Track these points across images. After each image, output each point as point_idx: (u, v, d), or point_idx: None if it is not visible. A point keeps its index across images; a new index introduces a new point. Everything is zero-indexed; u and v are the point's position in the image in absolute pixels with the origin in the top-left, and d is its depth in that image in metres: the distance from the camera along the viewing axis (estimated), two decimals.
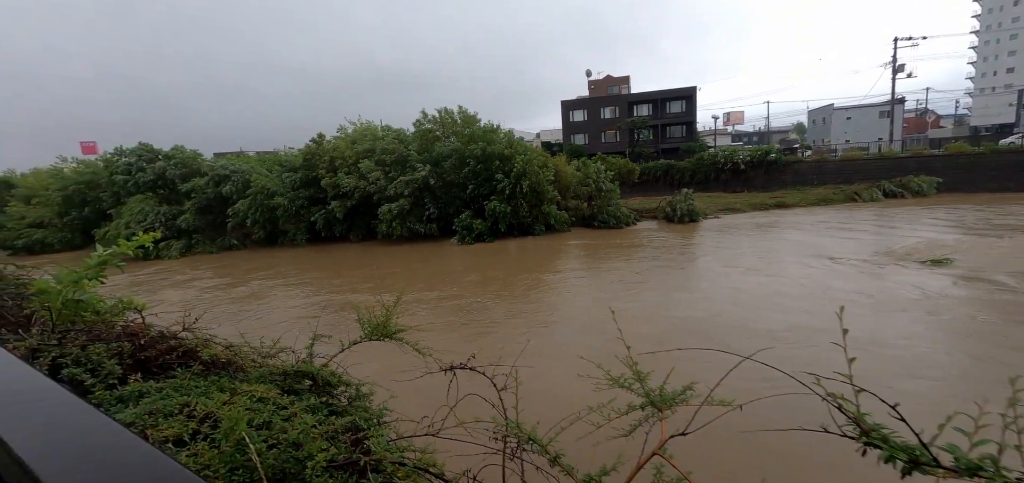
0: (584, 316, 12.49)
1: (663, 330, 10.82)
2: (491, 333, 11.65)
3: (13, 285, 4.83)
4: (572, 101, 67.60)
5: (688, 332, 10.72)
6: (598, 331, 10.63)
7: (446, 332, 11.71)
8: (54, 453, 0.64)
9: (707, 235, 25.01)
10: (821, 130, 70.75)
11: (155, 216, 30.51)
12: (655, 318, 11.93)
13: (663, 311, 12.56)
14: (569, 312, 13.20)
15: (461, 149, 29.31)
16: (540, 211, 28.46)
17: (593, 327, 11.19)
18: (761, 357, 1.85)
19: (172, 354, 2.34)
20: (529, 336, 10.80)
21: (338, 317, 13.30)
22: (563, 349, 9.86)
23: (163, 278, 23.31)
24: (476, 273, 19.50)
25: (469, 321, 12.73)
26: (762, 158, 41.11)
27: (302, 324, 12.70)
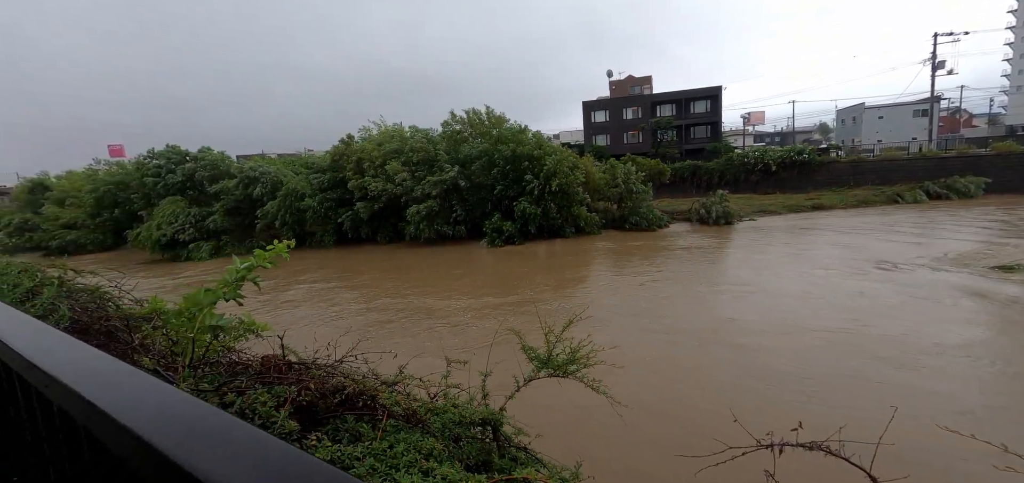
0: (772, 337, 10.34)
1: (818, 346, 9.66)
2: (655, 357, 9.76)
3: (96, 297, 4.48)
4: (594, 102, 66.86)
5: (847, 350, 9.46)
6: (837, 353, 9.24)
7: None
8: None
9: (751, 238, 24.06)
10: (851, 130, 68.53)
11: (185, 218, 30.72)
12: (795, 330, 10.70)
13: (800, 322, 11.22)
14: (710, 325, 11.46)
15: (490, 150, 28.90)
16: (569, 213, 27.88)
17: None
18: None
19: (336, 397, 1.88)
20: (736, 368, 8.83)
21: (414, 324, 12.82)
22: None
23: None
24: (536, 275, 19.08)
25: (601, 337, 11.24)
26: (795, 158, 39.88)
27: (384, 332, 12.21)
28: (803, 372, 8.36)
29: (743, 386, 7.96)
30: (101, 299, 4.46)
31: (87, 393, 0.82)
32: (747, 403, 7.26)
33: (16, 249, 38.68)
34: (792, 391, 7.76)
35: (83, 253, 36.52)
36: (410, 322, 13.31)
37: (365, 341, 9.50)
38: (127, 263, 30.08)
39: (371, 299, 16.65)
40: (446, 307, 14.62)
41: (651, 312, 12.96)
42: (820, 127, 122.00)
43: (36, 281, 4.25)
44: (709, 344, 10.11)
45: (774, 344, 9.81)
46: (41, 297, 4.05)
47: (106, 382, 0.88)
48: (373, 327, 12.92)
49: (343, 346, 3.05)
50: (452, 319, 13.24)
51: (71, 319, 3.07)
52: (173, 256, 29.92)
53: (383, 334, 12.22)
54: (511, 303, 14.60)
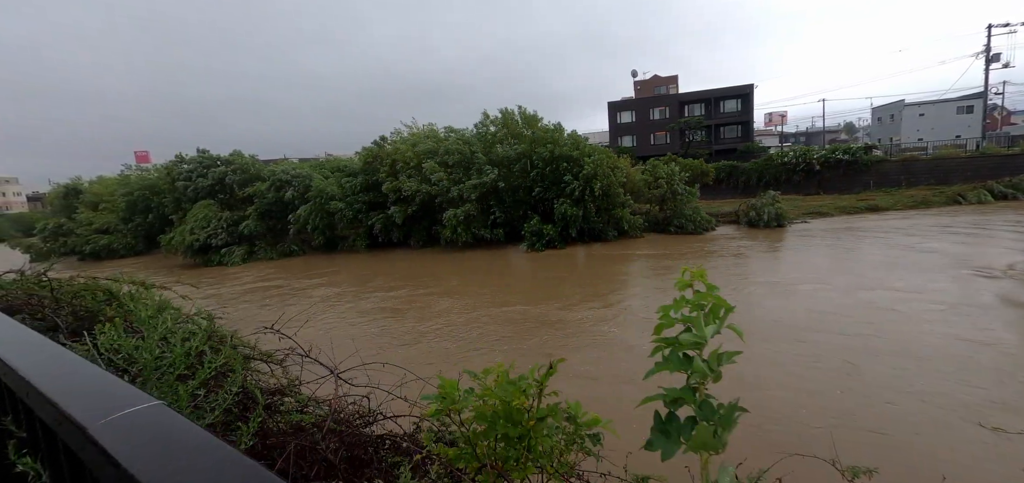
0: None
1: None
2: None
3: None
4: (619, 102, 65.61)
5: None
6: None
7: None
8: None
9: (813, 241, 22.46)
10: (888, 128, 65.75)
11: (218, 222, 30.34)
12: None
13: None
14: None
15: (527, 151, 27.89)
16: (611, 215, 26.68)
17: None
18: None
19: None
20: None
21: (519, 343, 11.42)
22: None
23: (261, 288, 21.40)
24: (594, 282, 17.85)
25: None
26: (840, 158, 37.99)
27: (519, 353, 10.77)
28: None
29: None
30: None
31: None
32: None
33: (51, 253, 38.97)
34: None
35: (115, 258, 36.59)
36: (551, 341, 11.55)
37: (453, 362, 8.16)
38: (161, 268, 29.81)
39: (471, 308, 15.04)
40: (572, 319, 13.31)
41: (772, 335, 10.73)
42: (845, 127, 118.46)
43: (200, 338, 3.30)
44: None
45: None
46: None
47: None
48: (501, 347, 11.29)
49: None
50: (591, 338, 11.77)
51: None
52: (205, 261, 29.54)
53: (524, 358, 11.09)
54: (613, 313, 13.36)
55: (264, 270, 26.47)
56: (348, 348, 9.95)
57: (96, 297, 3.76)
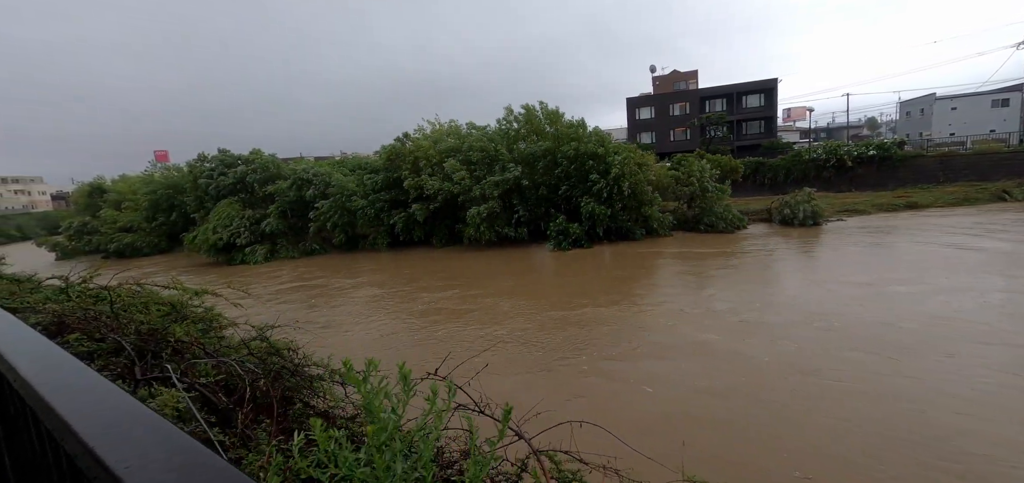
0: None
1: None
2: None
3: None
4: (638, 98, 64.55)
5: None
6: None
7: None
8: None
9: (863, 240, 21.40)
10: (917, 123, 63.64)
11: (240, 221, 30.27)
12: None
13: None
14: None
15: (552, 148, 27.27)
16: (639, 214, 25.95)
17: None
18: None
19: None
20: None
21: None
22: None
23: (301, 287, 20.64)
24: (633, 284, 17.13)
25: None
26: (873, 153, 36.67)
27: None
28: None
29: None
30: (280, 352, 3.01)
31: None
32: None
33: (76, 252, 39.47)
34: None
35: (139, 256, 36.86)
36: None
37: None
38: (185, 267, 29.85)
39: (537, 310, 14.10)
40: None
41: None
42: (868, 122, 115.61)
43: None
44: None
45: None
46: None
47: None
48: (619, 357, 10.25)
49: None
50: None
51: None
52: (228, 260, 29.48)
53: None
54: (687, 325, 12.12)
55: (297, 268, 25.99)
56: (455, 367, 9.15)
57: (160, 310, 3.29)
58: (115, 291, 4.09)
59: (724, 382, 8.53)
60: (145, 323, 2.97)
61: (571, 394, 8.38)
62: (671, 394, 8.33)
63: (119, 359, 2.56)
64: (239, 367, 2.54)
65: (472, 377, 2.83)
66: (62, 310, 2.95)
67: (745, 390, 8.17)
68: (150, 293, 4.19)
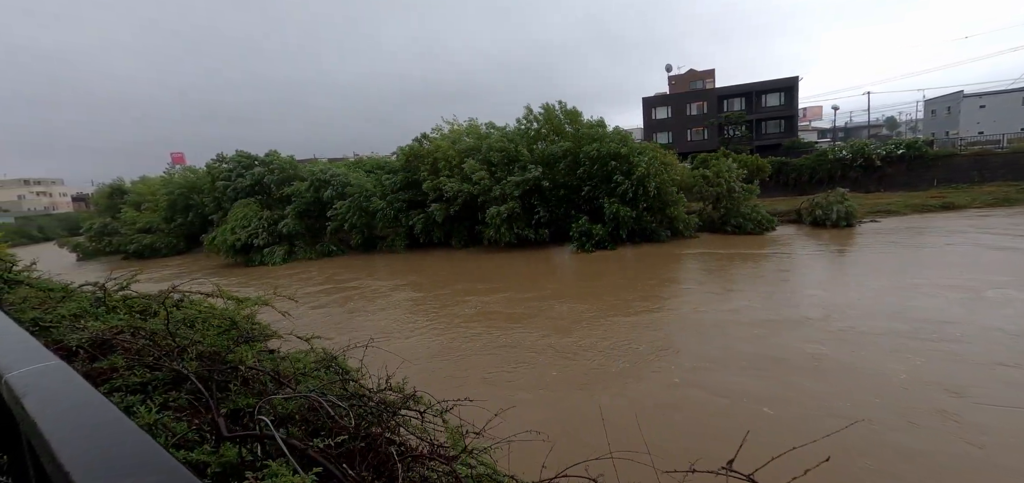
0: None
1: None
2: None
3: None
4: (654, 97, 63.69)
5: None
6: None
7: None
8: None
9: (907, 241, 20.49)
10: (943, 122, 61.75)
11: (258, 222, 30.15)
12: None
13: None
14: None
15: (573, 148, 26.70)
16: (664, 215, 25.27)
17: None
18: None
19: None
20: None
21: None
22: None
23: (336, 289, 20.01)
24: (679, 289, 16.27)
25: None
26: (903, 152, 35.51)
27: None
28: None
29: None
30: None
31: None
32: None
33: (97, 253, 39.79)
34: None
35: (158, 257, 36.99)
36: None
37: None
38: (205, 267, 29.81)
39: (601, 314, 13.15)
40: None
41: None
42: (887, 121, 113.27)
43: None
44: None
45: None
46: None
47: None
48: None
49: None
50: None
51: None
52: (247, 261, 29.36)
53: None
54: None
55: (323, 269, 25.60)
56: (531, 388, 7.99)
57: (217, 325, 2.83)
58: (160, 300, 3.64)
59: (861, 403, 7.45)
60: (202, 343, 2.50)
61: (675, 410, 7.64)
62: (799, 416, 7.26)
63: (180, 394, 2.09)
64: (324, 404, 2.05)
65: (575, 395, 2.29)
66: (105, 329, 2.50)
67: (896, 413, 7.11)
68: (197, 305, 3.75)
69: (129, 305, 3.39)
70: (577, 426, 7.29)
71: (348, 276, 23.05)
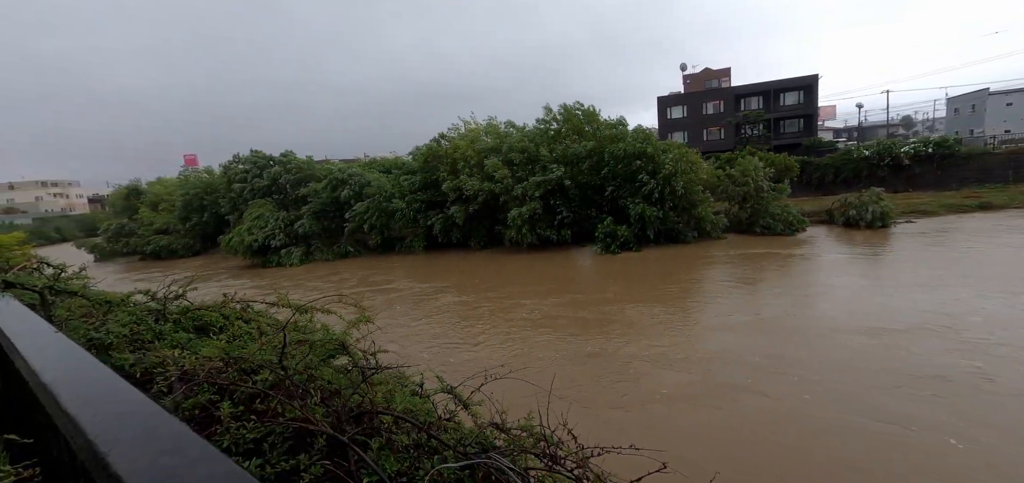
0: None
1: None
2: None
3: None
4: (670, 97, 62.88)
5: None
6: None
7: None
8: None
9: (955, 243, 19.57)
10: (967, 120, 60.18)
11: (275, 223, 29.88)
12: None
13: None
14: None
15: (597, 148, 26.12)
16: (690, 215, 24.59)
17: None
18: None
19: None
20: None
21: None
22: None
23: (379, 292, 18.87)
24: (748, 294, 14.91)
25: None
26: (933, 151, 34.49)
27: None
28: None
29: None
30: None
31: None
32: None
33: (113, 254, 39.86)
34: None
35: (174, 258, 36.91)
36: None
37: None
38: (222, 269, 29.61)
39: (677, 321, 11.98)
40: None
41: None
42: (903, 120, 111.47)
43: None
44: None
45: None
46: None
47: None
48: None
49: None
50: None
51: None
52: (264, 262, 29.09)
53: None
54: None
55: (351, 271, 24.95)
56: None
57: (322, 349, 2.31)
58: (224, 308, 3.13)
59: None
60: (320, 378, 1.97)
61: (838, 436, 6.48)
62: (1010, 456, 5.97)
63: (310, 458, 1.57)
64: (508, 472, 1.53)
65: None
66: (193, 363, 1.98)
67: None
68: (263, 316, 3.25)
69: (193, 318, 2.90)
70: (752, 461, 6.16)
71: (382, 278, 22.28)
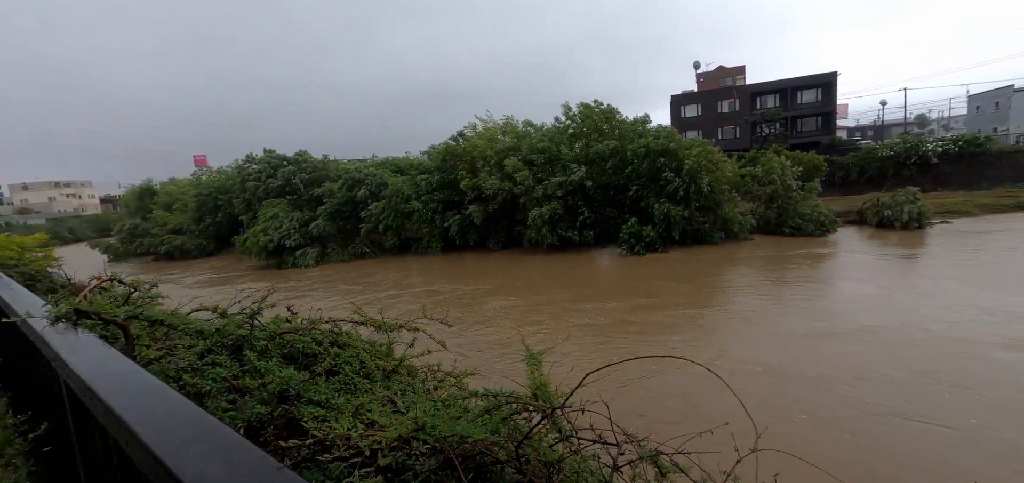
0: None
1: None
2: None
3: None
4: (683, 95, 62.05)
5: None
6: None
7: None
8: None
9: (1005, 247, 18.57)
10: (990, 118, 58.77)
11: (290, 223, 29.51)
12: None
13: None
14: None
15: (619, 147, 25.47)
16: (716, 215, 23.88)
17: None
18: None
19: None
20: None
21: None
22: None
23: (424, 300, 16.86)
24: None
25: None
26: (962, 149, 33.53)
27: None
28: None
29: None
30: None
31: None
32: None
33: (127, 254, 39.76)
34: None
35: (188, 259, 36.72)
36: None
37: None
38: (236, 270, 29.29)
39: (772, 328, 10.94)
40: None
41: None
42: (917, 119, 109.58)
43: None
44: None
45: None
46: None
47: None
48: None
49: None
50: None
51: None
52: (279, 263, 28.73)
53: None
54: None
55: (380, 273, 24.24)
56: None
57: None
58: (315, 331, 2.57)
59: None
60: (457, 430, 1.40)
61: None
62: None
63: None
64: None
65: None
66: (370, 442, 1.37)
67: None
68: (359, 343, 2.70)
69: (281, 344, 2.35)
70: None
71: (417, 280, 21.37)
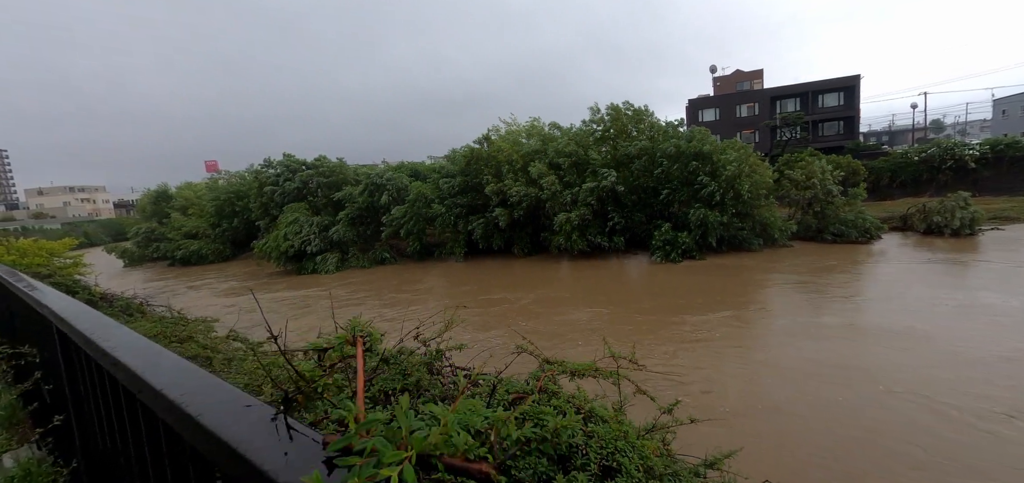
0: None
1: None
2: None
3: None
4: (700, 99, 61.15)
5: None
6: None
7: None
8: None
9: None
10: (1017, 122, 57.26)
11: (309, 228, 28.88)
12: None
13: None
14: None
15: (649, 148, 24.62)
16: (755, 221, 22.93)
17: None
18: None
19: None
20: None
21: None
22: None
23: (493, 307, 16.23)
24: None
25: None
26: (1002, 153, 32.34)
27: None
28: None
29: None
30: None
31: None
32: None
33: (143, 259, 39.35)
34: None
35: (205, 263, 36.21)
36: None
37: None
38: (255, 276, 28.65)
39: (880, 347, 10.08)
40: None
41: None
42: (932, 124, 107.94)
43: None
44: None
45: None
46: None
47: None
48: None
49: None
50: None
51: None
52: (298, 268, 28.09)
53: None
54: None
55: (423, 278, 23.37)
56: None
57: None
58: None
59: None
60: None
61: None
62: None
63: None
64: None
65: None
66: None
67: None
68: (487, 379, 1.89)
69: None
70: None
71: (471, 288, 20.10)
